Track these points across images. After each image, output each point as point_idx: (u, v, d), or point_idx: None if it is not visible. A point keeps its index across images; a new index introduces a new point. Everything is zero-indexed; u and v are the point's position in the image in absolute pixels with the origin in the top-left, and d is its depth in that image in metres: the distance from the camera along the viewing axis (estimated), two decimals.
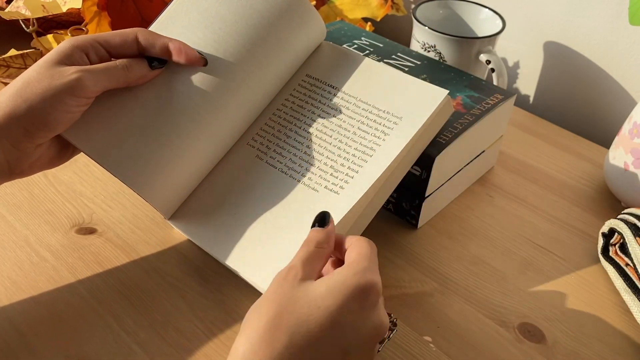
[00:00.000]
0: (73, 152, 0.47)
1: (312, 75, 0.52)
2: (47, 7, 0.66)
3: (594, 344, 0.46)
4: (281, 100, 0.52)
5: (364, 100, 0.50)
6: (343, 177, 0.47)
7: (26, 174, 0.44)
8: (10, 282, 0.47)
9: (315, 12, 0.51)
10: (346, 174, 0.47)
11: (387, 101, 0.49)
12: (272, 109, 0.52)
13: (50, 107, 0.41)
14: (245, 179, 0.50)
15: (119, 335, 0.44)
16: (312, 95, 0.52)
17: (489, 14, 0.70)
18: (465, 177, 0.58)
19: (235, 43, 0.48)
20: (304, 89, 0.52)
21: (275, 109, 0.52)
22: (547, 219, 0.57)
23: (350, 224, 0.46)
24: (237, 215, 0.48)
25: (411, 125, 0.47)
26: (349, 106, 0.50)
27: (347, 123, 0.49)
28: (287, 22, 0.50)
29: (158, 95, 0.46)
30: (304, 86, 0.52)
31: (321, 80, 0.52)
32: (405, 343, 0.45)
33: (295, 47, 0.51)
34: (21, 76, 0.42)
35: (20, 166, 0.43)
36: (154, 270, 0.49)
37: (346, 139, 0.49)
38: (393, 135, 0.47)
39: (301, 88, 0.52)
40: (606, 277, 0.51)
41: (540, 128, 0.70)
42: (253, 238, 0.47)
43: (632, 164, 0.55)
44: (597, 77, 0.71)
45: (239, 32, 0.48)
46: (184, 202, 0.50)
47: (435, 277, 0.50)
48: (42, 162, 0.45)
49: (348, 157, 0.48)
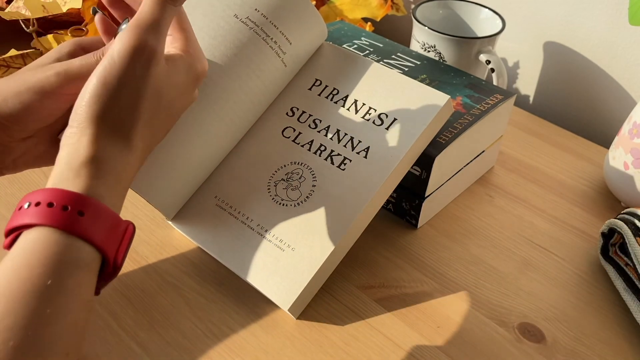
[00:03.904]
0: None
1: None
2: (47, 7, 0.66)
3: (594, 344, 0.46)
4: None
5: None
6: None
7: (11, 171, 0.43)
8: None
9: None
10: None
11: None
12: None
13: (20, 103, 0.39)
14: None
15: (118, 335, 0.44)
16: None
17: (489, 14, 0.70)
18: (465, 177, 0.58)
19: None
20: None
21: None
22: (547, 219, 0.57)
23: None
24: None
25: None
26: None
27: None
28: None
29: None
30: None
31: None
32: (406, 343, 0.45)
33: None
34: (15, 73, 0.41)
35: (2, 161, 0.42)
36: (154, 270, 0.49)
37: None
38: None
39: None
40: (606, 277, 0.51)
41: (540, 128, 0.70)
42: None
43: (632, 164, 0.55)
44: (597, 77, 0.71)
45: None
46: (185, 203, 0.50)
47: (435, 277, 0.50)
48: (28, 159, 0.43)
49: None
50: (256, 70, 0.49)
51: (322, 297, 0.48)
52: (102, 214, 0.33)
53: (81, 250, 0.32)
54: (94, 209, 0.33)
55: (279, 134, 0.51)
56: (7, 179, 0.56)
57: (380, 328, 0.46)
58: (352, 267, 0.50)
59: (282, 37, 0.49)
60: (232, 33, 0.48)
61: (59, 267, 0.31)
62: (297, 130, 0.50)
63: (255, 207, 0.48)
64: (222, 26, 0.48)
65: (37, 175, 0.57)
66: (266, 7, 0.49)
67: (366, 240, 0.52)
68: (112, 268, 0.34)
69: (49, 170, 0.57)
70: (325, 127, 0.50)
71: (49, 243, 0.31)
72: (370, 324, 0.46)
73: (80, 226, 0.32)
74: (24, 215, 0.32)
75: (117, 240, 0.34)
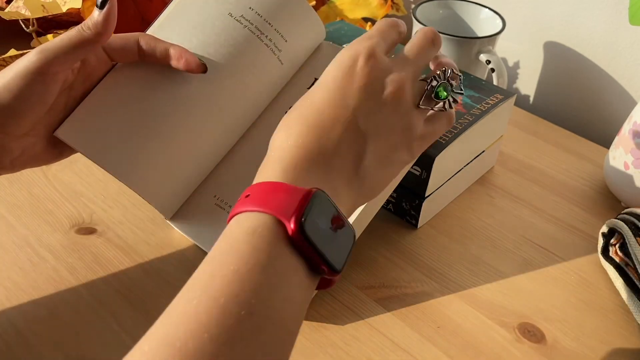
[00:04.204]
0: (63, 152, 0.46)
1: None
2: (47, 7, 0.66)
3: (594, 344, 0.46)
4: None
5: None
6: None
7: (8, 170, 0.43)
8: (10, 282, 0.47)
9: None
10: None
11: None
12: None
13: (10, 92, 0.39)
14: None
15: (119, 336, 0.44)
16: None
17: (489, 14, 0.70)
18: (465, 177, 0.58)
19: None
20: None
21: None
22: (547, 219, 0.57)
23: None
24: None
25: None
26: None
27: None
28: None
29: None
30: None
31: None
32: (406, 343, 0.45)
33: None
34: None
35: (1, 162, 0.41)
36: (154, 270, 0.49)
37: None
38: None
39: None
40: (606, 277, 0.51)
41: (540, 128, 0.70)
42: None
43: (632, 164, 0.55)
44: (597, 77, 0.71)
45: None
46: (184, 202, 0.50)
47: (435, 277, 0.50)
48: (26, 158, 0.43)
49: None
50: (251, 67, 0.49)
51: (322, 297, 0.48)
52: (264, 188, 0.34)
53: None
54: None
55: None
56: (7, 179, 0.56)
57: (380, 328, 0.46)
58: (352, 267, 0.50)
59: (277, 35, 0.49)
60: (226, 31, 0.48)
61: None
62: None
63: None
64: (216, 25, 0.48)
65: (37, 175, 0.57)
66: (260, 6, 0.49)
67: (366, 240, 0.52)
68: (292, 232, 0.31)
69: (49, 170, 0.57)
70: None
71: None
72: (370, 324, 0.46)
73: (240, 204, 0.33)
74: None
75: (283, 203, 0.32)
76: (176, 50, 0.45)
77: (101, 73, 0.45)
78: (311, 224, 0.31)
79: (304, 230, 0.30)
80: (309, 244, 0.31)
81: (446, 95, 0.41)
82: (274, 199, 0.32)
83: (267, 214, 0.31)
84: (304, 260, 0.31)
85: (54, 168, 0.58)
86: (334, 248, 0.32)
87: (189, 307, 0.29)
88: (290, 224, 0.31)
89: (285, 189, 0.33)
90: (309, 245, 0.31)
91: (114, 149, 0.45)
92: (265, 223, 0.31)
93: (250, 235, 0.31)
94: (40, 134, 0.43)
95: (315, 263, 0.32)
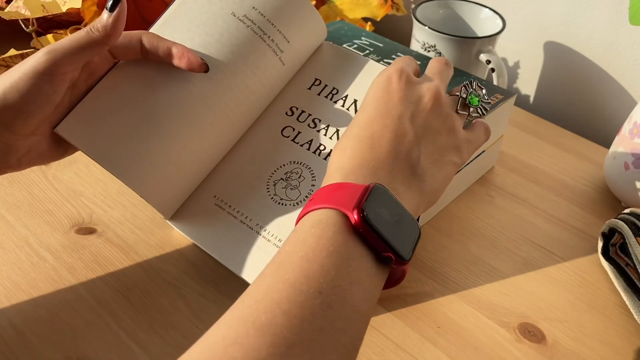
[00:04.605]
0: (67, 150, 0.46)
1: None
2: (47, 7, 0.66)
3: (594, 344, 0.46)
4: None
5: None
6: None
7: (15, 169, 0.43)
8: (10, 282, 0.47)
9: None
10: None
11: None
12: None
13: (18, 92, 0.39)
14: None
15: (118, 335, 0.44)
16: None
17: (489, 14, 0.70)
18: (465, 177, 0.58)
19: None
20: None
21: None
22: (547, 219, 0.57)
23: None
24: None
25: None
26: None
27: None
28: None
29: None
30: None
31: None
32: (406, 343, 0.45)
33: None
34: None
35: (7, 161, 0.42)
36: (153, 270, 0.49)
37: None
38: None
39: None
40: (606, 277, 0.51)
41: (540, 128, 0.70)
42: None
43: (632, 164, 0.55)
44: (597, 77, 0.71)
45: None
46: (184, 202, 0.50)
47: (435, 277, 0.50)
48: (32, 157, 0.43)
49: None
50: (253, 67, 0.49)
51: None
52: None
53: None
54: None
55: (278, 133, 0.51)
56: (7, 178, 0.56)
57: (380, 328, 0.46)
58: None
59: (280, 36, 0.49)
60: (229, 31, 0.48)
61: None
62: (296, 130, 0.50)
63: (254, 206, 0.48)
64: (219, 24, 0.48)
65: (37, 175, 0.57)
66: (264, 6, 0.49)
67: None
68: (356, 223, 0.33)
69: (48, 170, 0.57)
70: (325, 127, 0.50)
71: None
72: (370, 324, 0.46)
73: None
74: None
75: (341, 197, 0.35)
76: (178, 49, 0.45)
77: (104, 70, 0.45)
78: (373, 214, 0.33)
79: (367, 219, 0.32)
80: (373, 232, 0.33)
81: (478, 102, 0.44)
82: (336, 195, 0.35)
83: (331, 208, 0.34)
84: (370, 249, 0.33)
85: (53, 168, 0.58)
86: (399, 237, 0.34)
87: (260, 289, 0.31)
88: (353, 215, 0.33)
89: (346, 186, 0.35)
90: (372, 233, 0.33)
91: (114, 147, 0.45)
92: (329, 216, 0.33)
93: (316, 227, 0.33)
94: (45, 132, 0.43)
95: (381, 251, 0.33)
